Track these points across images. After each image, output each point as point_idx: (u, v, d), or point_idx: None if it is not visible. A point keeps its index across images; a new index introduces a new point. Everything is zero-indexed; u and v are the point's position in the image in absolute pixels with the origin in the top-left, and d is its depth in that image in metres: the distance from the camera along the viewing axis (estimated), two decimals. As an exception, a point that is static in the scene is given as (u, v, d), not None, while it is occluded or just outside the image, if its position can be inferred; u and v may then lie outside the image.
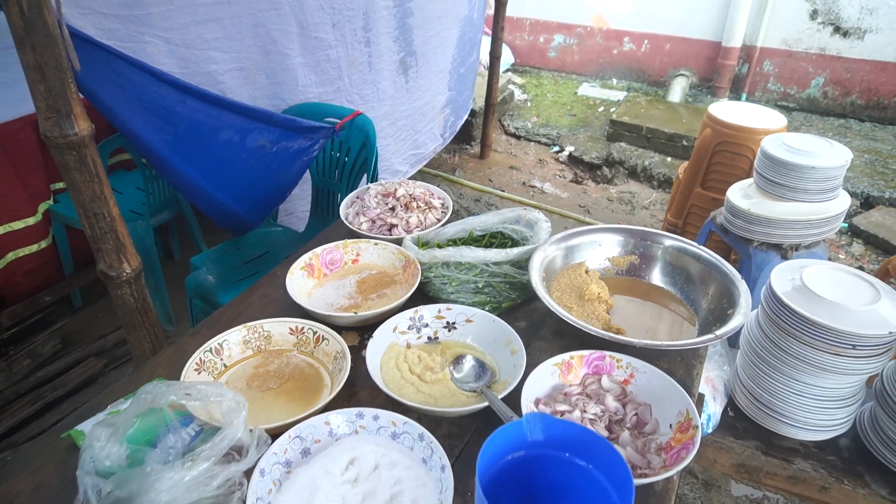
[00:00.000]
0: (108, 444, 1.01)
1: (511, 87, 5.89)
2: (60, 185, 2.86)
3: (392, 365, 1.29)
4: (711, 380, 1.82)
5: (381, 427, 1.12)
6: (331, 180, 2.43)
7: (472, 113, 4.95)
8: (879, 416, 1.70)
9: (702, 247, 1.56)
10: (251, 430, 1.03)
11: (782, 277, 1.70)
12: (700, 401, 1.69)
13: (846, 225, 4.16)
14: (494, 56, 4.58)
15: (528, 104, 5.90)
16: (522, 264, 1.53)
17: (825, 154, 2.24)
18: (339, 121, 2.17)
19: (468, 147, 5.18)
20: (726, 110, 3.02)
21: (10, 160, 2.63)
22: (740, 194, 2.47)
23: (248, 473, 0.99)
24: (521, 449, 0.88)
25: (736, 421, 1.85)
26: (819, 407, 1.70)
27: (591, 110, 5.70)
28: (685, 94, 5.70)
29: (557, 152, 5.19)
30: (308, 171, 2.40)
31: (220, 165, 1.99)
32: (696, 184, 3.21)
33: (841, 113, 5.41)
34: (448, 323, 1.41)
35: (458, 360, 1.30)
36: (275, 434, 1.07)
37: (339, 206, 1.88)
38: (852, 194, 4.28)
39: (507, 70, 6.40)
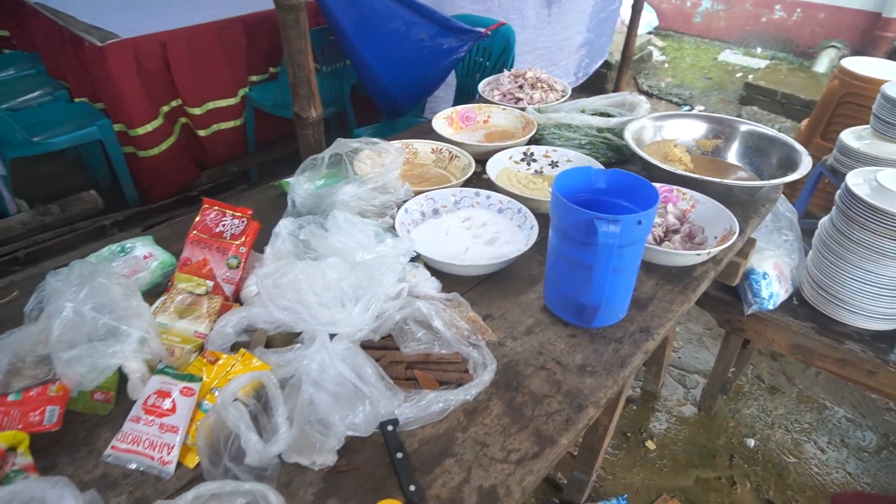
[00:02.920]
0: (306, 185, 1.51)
1: (650, 47, 6.01)
2: (255, 77, 3.53)
3: (504, 177, 1.70)
4: (779, 265, 2.06)
5: (491, 204, 1.54)
6: (472, 82, 2.87)
7: (607, 65, 5.17)
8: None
9: (773, 129, 1.82)
10: (402, 182, 1.49)
11: (857, 178, 1.91)
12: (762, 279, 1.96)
13: None
14: (636, 10, 4.77)
15: (665, 65, 6.00)
16: (619, 132, 1.87)
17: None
18: (486, 28, 2.59)
19: (599, 99, 5.42)
20: (859, 64, 3.08)
21: (223, 51, 3.31)
22: (853, 136, 2.60)
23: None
24: (585, 192, 1.25)
25: (799, 307, 2.08)
26: (880, 295, 1.90)
27: (729, 75, 5.70)
28: (832, 66, 5.53)
29: (687, 111, 5.29)
30: (454, 72, 2.84)
31: (386, 50, 2.48)
32: (815, 134, 3.30)
33: None
34: (553, 161, 1.80)
35: (555, 181, 1.69)
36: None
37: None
38: None
39: (650, 33, 6.49)
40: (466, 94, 2.91)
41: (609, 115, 2.02)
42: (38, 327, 1.04)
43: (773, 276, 2.04)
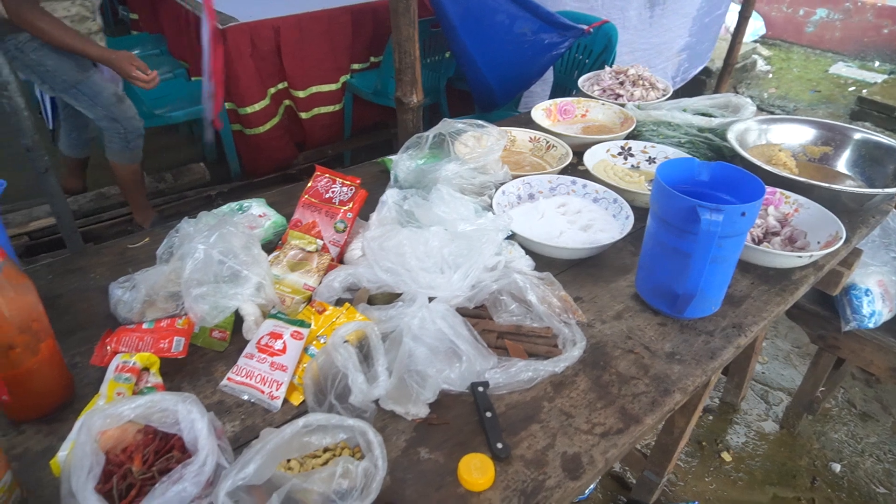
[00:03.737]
0: (408, 162, 1.58)
1: (755, 56, 5.78)
2: (357, 65, 3.67)
3: (600, 169, 1.71)
4: (884, 283, 1.96)
5: (587, 192, 1.56)
6: (570, 78, 2.88)
7: (707, 72, 5.02)
8: None
9: (890, 138, 1.73)
10: (502, 165, 1.54)
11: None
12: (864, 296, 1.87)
13: None
14: (743, 16, 4.60)
15: (769, 76, 5.75)
16: (721, 133, 1.84)
17: None
18: (588, 26, 2.60)
19: (695, 107, 5.27)
20: None
21: (329, 38, 3.46)
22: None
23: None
24: (687, 183, 1.25)
25: (902, 330, 1.97)
26: None
27: (840, 89, 5.40)
28: (962, 86, 5.13)
29: (790, 125, 5.06)
30: (552, 68, 2.86)
31: (489, 42, 2.53)
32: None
33: None
34: (650, 158, 1.79)
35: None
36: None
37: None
38: None
39: (756, 41, 6.23)
40: (563, 91, 2.92)
41: (711, 116, 1.99)
42: (169, 267, 1.16)
43: (876, 293, 1.95)
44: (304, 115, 3.58)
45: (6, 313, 0.87)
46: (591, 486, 2.07)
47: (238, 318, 1.15)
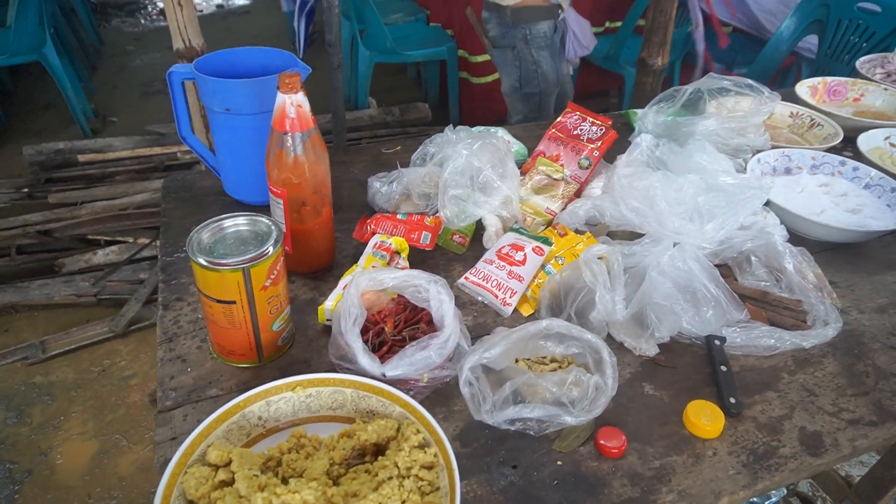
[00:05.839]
0: (656, 116, 1.52)
1: None
2: (594, 28, 3.60)
3: (875, 155, 1.52)
4: None
5: (858, 176, 1.40)
6: (837, 63, 2.57)
7: None
8: None
9: None
10: (763, 131, 1.43)
11: None
12: None
13: None
14: None
15: None
16: None
17: None
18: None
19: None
20: None
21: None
22: None
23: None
24: None
25: None
26: None
27: None
28: None
29: None
30: (816, 48, 2.57)
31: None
32: None
33: None
34: (938, 154, 1.55)
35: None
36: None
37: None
38: None
39: None
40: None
41: None
42: (425, 170, 1.25)
43: None
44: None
45: (307, 173, 1.00)
46: (774, 499, 1.91)
47: (478, 228, 1.22)
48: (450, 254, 1.21)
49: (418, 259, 1.17)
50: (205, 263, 0.84)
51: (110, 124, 4.15)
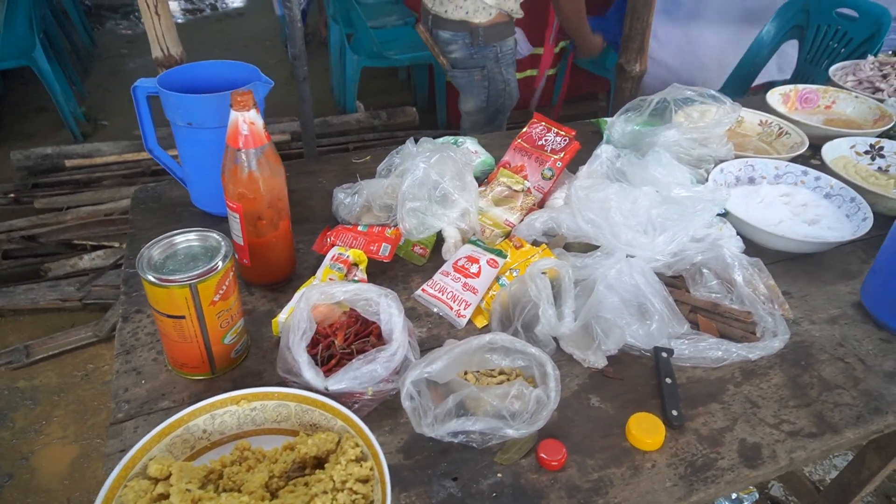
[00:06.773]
0: (624, 126, 1.53)
1: None
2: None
3: (839, 166, 1.53)
4: None
5: (819, 186, 1.42)
6: (816, 69, 2.58)
7: None
8: None
9: None
10: (726, 141, 1.44)
11: None
12: None
13: None
14: None
15: None
16: None
17: None
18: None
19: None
20: None
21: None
22: None
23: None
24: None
25: None
26: None
27: None
28: None
29: None
30: (797, 55, 2.59)
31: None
32: None
33: None
34: (904, 162, 1.56)
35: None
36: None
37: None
38: None
39: None
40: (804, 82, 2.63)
41: None
42: (387, 182, 1.26)
43: None
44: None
45: (262, 188, 1.02)
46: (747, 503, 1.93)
47: (439, 240, 1.23)
48: (409, 265, 1.23)
49: (378, 270, 1.19)
50: (153, 280, 0.86)
51: (101, 128, 4.17)
